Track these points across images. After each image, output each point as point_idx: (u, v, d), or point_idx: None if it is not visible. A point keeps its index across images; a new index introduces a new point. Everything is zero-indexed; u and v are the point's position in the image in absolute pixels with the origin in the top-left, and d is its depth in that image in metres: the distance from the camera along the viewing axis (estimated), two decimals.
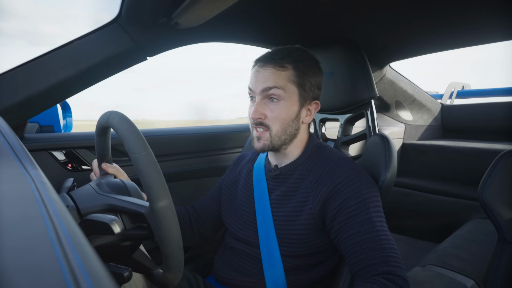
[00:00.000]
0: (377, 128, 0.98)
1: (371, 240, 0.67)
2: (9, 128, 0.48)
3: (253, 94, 0.78)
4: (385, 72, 1.54)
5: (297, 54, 0.78)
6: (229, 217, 0.90)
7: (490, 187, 0.71)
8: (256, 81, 0.77)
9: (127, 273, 0.54)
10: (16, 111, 0.83)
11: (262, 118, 0.76)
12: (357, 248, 0.68)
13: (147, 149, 0.50)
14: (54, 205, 0.23)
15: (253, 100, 0.79)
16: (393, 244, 0.69)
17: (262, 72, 0.76)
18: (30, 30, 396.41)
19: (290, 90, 0.76)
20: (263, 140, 0.78)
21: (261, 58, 0.79)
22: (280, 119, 0.76)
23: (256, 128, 0.78)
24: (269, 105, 0.76)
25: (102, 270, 0.16)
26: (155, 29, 0.91)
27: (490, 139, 1.71)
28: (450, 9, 0.89)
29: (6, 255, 0.15)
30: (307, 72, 0.78)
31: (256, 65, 0.79)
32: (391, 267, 0.65)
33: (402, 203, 1.68)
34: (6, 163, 0.32)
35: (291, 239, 0.76)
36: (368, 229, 0.68)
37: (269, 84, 0.75)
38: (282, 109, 0.76)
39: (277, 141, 0.78)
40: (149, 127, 4.81)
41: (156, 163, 0.51)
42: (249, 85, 0.79)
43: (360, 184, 0.73)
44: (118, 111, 0.57)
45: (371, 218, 0.69)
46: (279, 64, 0.76)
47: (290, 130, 0.78)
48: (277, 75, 0.75)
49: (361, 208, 0.70)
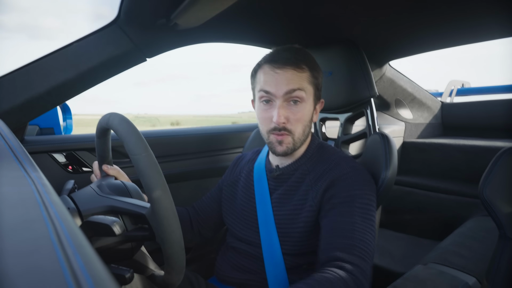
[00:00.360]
0: (377, 127, 0.98)
1: (344, 230, 0.67)
2: (9, 131, 0.48)
3: (272, 97, 0.75)
4: (385, 70, 1.54)
5: (310, 57, 0.79)
6: (230, 217, 0.90)
7: (491, 184, 0.71)
8: (276, 83, 0.73)
9: (128, 275, 0.55)
10: (16, 114, 0.83)
11: (285, 122, 0.74)
12: (327, 234, 0.68)
13: (148, 150, 0.50)
14: (55, 207, 0.23)
15: (269, 104, 0.76)
16: (368, 239, 0.66)
17: (283, 74, 0.74)
18: (30, 24, 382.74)
19: (309, 91, 0.77)
20: (286, 144, 0.76)
21: (275, 59, 0.75)
22: (302, 121, 0.76)
23: (276, 133, 0.76)
24: (291, 108, 0.75)
25: (104, 272, 0.16)
26: (154, 30, 0.91)
27: (490, 136, 1.70)
28: (449, 7, 0.89)
29: (7, 258, 0.15)
30: (319, 73, 0.80)
31: (271, 66, 0.75)
32: (351, 255, 0.63)
33: (403, 202, 1.68)
34: (6, 166, 0.32)
35: (293, 237, 0.76)
36: (346, 220, 0.68)
37: (293, 86, 0.73)
38: (304, 111, 0.76)
39: (298, 144, 0.78)
40: (152, 121, 4.82)
41: (156, 164, 0.51)
42: (266, 88, 0.75)
43: (354, 180, 0.73)
44: (118, 112, 0.57)
45: (353, 211, 0.69)
46: (298, 66, 0.74)
47: (308, 131, 0.80)
48: (299, 77, 0.74)
49: (347, 201, 0.70)
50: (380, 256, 1.38)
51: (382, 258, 1.36)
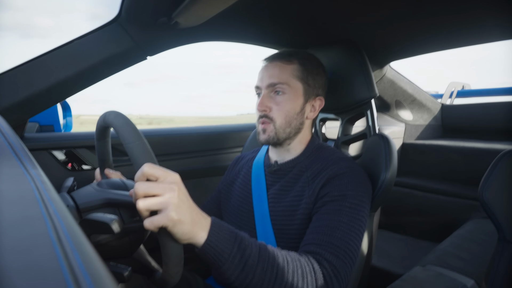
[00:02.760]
0: (377, 128, 0.98)
1: (327, 227, 0.66)
2: (9, 128, 0.48)
3: (260, 90, 0.82)
4: (385, 71, 1.54)
5: (304, 53, 0.84)
6: (227, 215, 0.91)
7: (490, 186, 0.71)
8: (262, 77, 0.81)
9: (127, 273, 0.55)
10: (16, 111, 0.83)
11: (267, 110, 0.79)
12: (310, 230, 0.68)
13: (141, 138, 0.51)
14: (54, 205, 0.23)
15: (260, 96, 0.82)
16: (350, 240, 0.65)
17: (270, 67, 0.80)
18: (23, 23, 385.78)
19: (295, 85, 0.79)
20: (268, 132, 0.80)
21: (269, 56, 0.83)
22: (285, 111, 0.79)
23: (261, 121, 0.81)
24: (274, 98, 0.80)
25: (103, 270, 0.16)
26: (155, 29, 0.91)
27: (490, 138, 1.70)
28: (450, 8, 0.89)
29: (6, 255, 0.15)
30: (312, 69, 0.82)
31: (263, 62, 0.83)
32: (325, 252, 0.62)
33: (402, 203, 1.68)
34: (6, 163, 0.32)
35: (289, 234, 0.76)
36: (332, 218, 0.67)
37: (274, 80, 0.78)
38: (287, 101, 0.79)
39: (281, 133, 0.79)
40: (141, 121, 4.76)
41: (149, 151, 0.51)
42: (257, 84, 0.82)
43: (349, 181, 0.72)
44: (114, 110, 0.59)
45: (341, 210, 0.68)
46: (286, 58, 0.80)
47: (295, 124, 0.80)
48: (283, 70, 0.79)
49: (338, 200, 0.70)
50: (379, 257, 1.38)
51: (380, 259, 1.36)
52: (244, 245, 0.55)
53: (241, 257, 0.54)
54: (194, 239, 0.51)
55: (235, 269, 0.53)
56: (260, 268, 0.55)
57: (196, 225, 0.50)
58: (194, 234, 0.50)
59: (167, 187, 0.47)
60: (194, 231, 0.50)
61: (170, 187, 0.48)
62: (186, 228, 0.49)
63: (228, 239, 0.54)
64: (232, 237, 0.55)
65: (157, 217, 0.47)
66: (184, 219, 0.48)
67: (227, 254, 0.53)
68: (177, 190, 0.48)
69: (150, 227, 0.47)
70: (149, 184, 0.47)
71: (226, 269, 0.53)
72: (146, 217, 0.48)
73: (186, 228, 0.49)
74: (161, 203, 0.47)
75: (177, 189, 0.48)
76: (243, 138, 1.42)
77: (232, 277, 0.54)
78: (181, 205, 0.48)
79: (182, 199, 0.49)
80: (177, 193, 0.48)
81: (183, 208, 0.48)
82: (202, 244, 0.51)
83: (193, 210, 0.51)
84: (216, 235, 0.53)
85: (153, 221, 0.47)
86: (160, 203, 0.47)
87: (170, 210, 0.47)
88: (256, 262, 0.55)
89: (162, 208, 0.47)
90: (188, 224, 0.49)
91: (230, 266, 0.53)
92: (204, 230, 0.52)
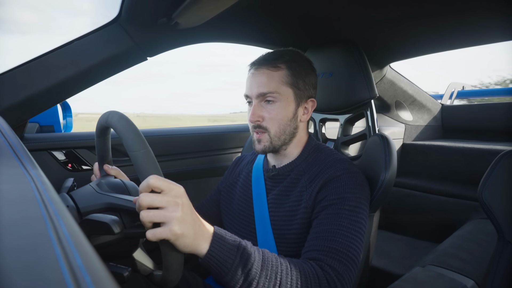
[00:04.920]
0: (377, 128, 0.98)
1: (327, 232, 0.66)
2: (9, 128, 0.48)
3: (250, 99, 0.80)
4: (385, 72, 1.54)
5: (290, 55, 0.80)
6: (228, 218, 0.90)
7: (490, 187, 0.71)
8: (251, 86, 0.78)
9: (127, 273, 0.55)
10: (16, 111, 0.83)
11: (260, 120, 0.78)
12: (311, 236, 0.68)
13: (146, 146, 0.50)
14: (54, 205, 0.23)
15: (251, 105, 0.80)
16: (351, 243, 0.65)
17: (257, 75, 0.78)
18: (3, 17, 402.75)
19: (285, 92, 0.77)
20: (264, 142, 0.79)
21: (255, 61, 0.80)
22: (278, 119, 0.77)
23: (255, 131, 0.80)
24: (265, 107, 0.78)
25: (102, 270, 0.16)
26: (155, 29, 0.91)
27: (490, 139, 1.71)
28: (450, 9, 0.89)
29: (6, 255, 0.15)
30: (301, 72, 0.79)
31: (250, 68, 0.80)
32: (328, 257, 0.62)
33: (402, 203, 1.68)
34: (6, 163, 0.32)
35: (288, 239, 0.76)
36: (331, 223, 0.67)
37: (263, 89, 0.76)
38: (279, 109, 0.77)
39: (277, 141, 0.79)
40: None
41: (155, 160, 0.51)
42: (246, 92, 0.80)
43: (346, 183, 0.72)
44: (117, 110, 0.57)
45: (340, 214, 0.68)
46: (272, 65, 0.77)
47: (289, 130, 0.79)
48: (271, 77, 0.76)
49: (336, 204, 0.69)
50: (379, 257, 1.38)
51: (380, 260, 1.36)
52: (247, 254, 0.55)
53: (244, 266, 0.54)
54: (196, 250, 0.51)
55: (239, 278, 0.53)
56: (263, 277, 0.55)
57: (199, 237, 0.51)
58: (196, 246, 0.51)
59: (171, 201, 0.47)
60: (196, 243, 0.50)
61: (174, 201, 0.48)
62: (189, 241, 0.49)
63: (230, 248, 0.54)
64: (235, 246, 0.55)
65: (160, 229, 0.47)
66: (187, 233, 0.48)
67: (229, 264, 0.53)
68: (181, 204, 0.48)
69: (153, 238, 0.47)
70: (153, 196, 0.47)
71: (229, 279, 0.53)
72: (149, 228, 0.48)
73: (188, 241, 0.49)
74: (164, 216, 0.47)
75: (181, 203, 0.48)
76: (243, 138, 1.42)
77: (236, 287, 0.54)
78: (185, 219, 0.48)
79: (186, 213, 0.49)
80: (181, 207, 0.48)
81: (186, 222, 0.48)
82: (204, 255, 0.52)
83: (196, 222, 0.51)
84: (218, 245, 0.53)
85: (156, 234, 0.47)
86: (163, 216, 0.47)
87: (173, 224, 0.47)
88: (259, 270, 0.55)
89: (165, 221, 0.47)
90: (191, 238, 0.49)
91: (234, 275, 0.53)
92: (206, 241, 0.52)
